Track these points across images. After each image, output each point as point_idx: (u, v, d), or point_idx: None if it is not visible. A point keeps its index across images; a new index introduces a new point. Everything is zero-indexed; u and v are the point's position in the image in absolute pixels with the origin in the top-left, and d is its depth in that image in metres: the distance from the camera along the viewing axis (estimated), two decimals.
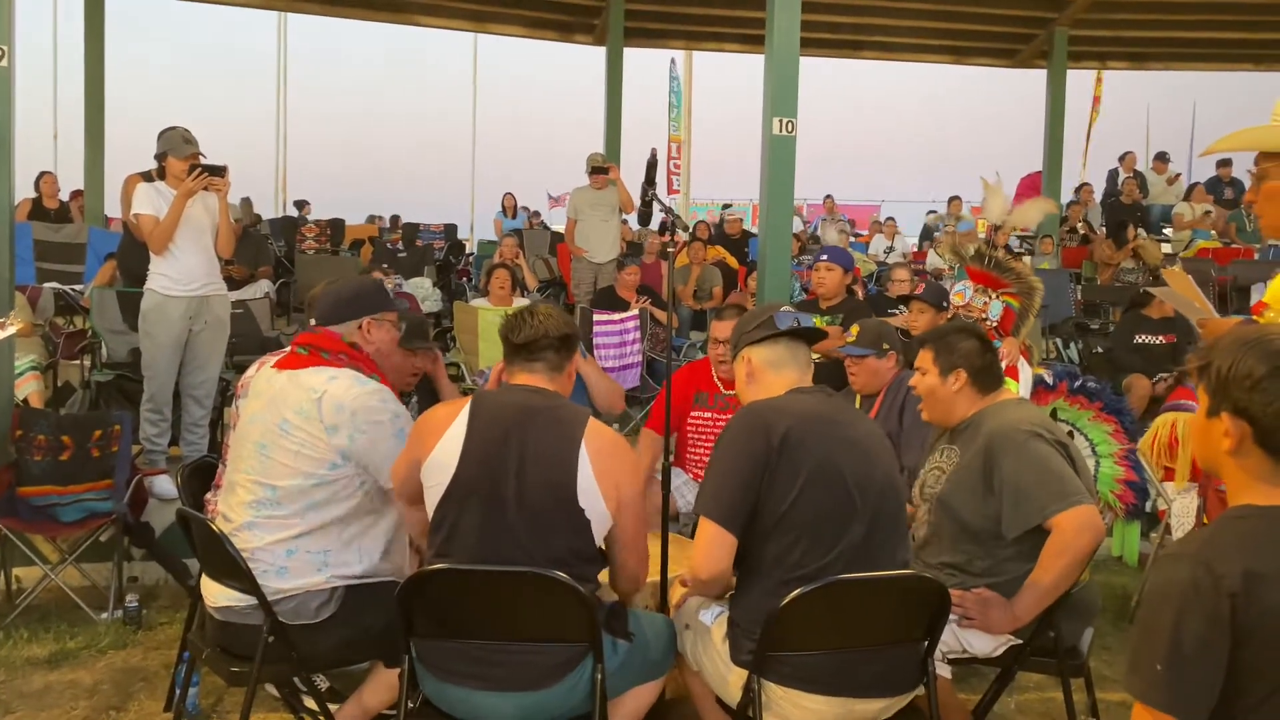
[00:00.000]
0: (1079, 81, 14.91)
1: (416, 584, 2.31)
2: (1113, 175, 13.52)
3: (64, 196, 10.77)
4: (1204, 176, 14.00)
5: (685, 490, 4.11)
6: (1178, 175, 13.69)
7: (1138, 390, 6.50)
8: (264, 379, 2.87)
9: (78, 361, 6.37)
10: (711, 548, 2.40)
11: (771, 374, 2.59)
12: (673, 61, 18.27)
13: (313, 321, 3.14)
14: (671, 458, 4.22)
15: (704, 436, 4.24)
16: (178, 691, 3.21)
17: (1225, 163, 13.02)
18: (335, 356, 2.79)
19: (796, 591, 2.25)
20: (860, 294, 8.44)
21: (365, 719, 2.91)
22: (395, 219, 12.97)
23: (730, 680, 2.47)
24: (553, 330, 2.55)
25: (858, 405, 4.11)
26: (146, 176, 5.17)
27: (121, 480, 4.37)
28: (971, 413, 2.94)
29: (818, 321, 5.44)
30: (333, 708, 2.92)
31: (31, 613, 4.18)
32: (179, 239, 4.76)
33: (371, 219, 14.09)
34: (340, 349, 2.82)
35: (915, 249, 14.15)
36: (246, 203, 13.56)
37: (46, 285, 7.76)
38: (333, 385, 2.71)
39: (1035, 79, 11.19)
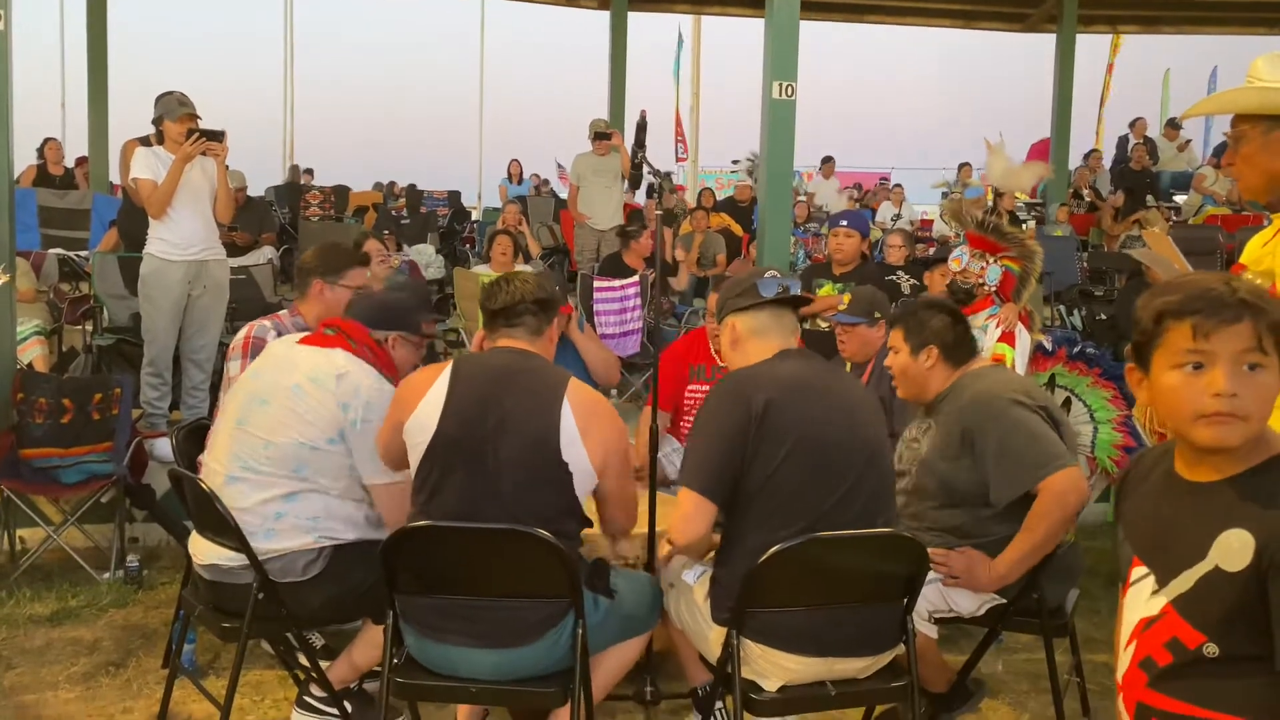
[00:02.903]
0: (1094, 46, 14.76)
1: (399, 541, 2.34)
2: (1123, 141, 13.38)
3: (70, 163, 10.79)
4: (1218, 142, 13.84)
5: (675, 457, 4.11)
6: (1188, 141, 13.53)
7: None
8: (284, 345, 2.93)
9: (81, 326, 6.42)
10: (691, 516, 2.41)
11: (756, 341, 2.58)
12: (679, 29, 18.13)
13: (324, 287, 3.27)
14: (667, 428, 4.26)
15: None
16: (174, 648, 3.27)
17: None
18: (360, 347, 2.85)
19: (775, 548, 2.27)
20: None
21: (355, 675, 2.97)
22: (393, 184, 12.97)
23: (711, 637, 2.50)
24: (529, 295, 2.58)
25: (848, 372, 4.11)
26: (145, 141, 5.18)
27: (121, 443, 4.42)
28: (946, 386, 2.94)
29: (827, 288, 5.46)
30: (326, 665, 2.97)
31: (34, 572, 4.25)
32: (177, 204, 4.78)
33: (377, 186, 14.07)
34: (366, 342, 2.88)
35: (924, 216, 14.06)
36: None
37: (51, 251, 7.79)
38: (357, 369, 2.78)
39: (1047, 43, 11.05)
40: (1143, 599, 1.48)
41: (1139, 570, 1.50)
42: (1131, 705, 1.50)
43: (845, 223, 5.50)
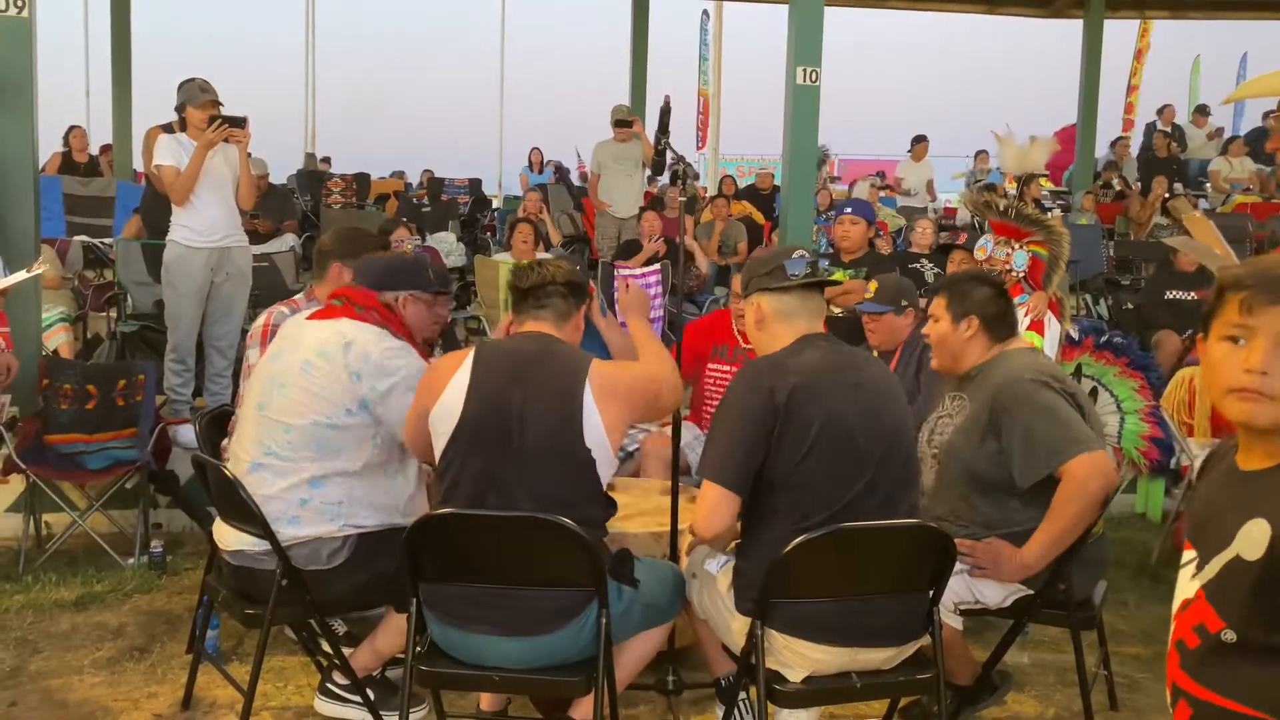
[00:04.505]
0: (1121, 32, 14.56)
1: (423, 528, 2.34)
2: (1150, 129, 13.20)
3: (94, 151, 10.86)
4: (1250, 129, 13.62)
5: (697, 445, 4.10)
6: (1219, 129, 13.32)
7: (1167, 346, 6.40)
8: (294, 324, 2.93)
9: (105, 313, 6.46)
10: (715, 509, 2.38)
11: (781, 324, 2.53)
12: (705, 14, 18.00)
13: (342, 270, 3.26)
14: (688, 412, 4.24)
15: (721, 390, 4.22)
16: (197, 633, 3.28)
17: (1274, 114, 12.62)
18: (368, 312, 2.84)
19: (800, 538, 2.24)
20: (886, 248, 8.38)
21: (378, 662, 2.97)
22: (403, 173, 12.97)
23: (734, 627, 2.48)
24: (560, 277, 2.56)
25: None
26: (167, 128, 5.20)
27: (145, 429, 4.45)
28: (981, 361, 2.91)
29: (840, 274, 5.40)
30: (349, 652, 2.98)
31: (60, 557, 4.28)
32: (200, 190, 4.80)
33: (395, 174, 14.09)
34: (374, 305, 2.87)
35: (949, 204, 13.93)
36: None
37: (76, 238, 7.84)
38: (362, 334, 2.77)
39: (1074, 29, 10.90)
40: (1185, 581, 1.49)
41: (1189, 553, 1.51)
42: (1169, 684, 1.52)
43: (850, 210, 5.47)
